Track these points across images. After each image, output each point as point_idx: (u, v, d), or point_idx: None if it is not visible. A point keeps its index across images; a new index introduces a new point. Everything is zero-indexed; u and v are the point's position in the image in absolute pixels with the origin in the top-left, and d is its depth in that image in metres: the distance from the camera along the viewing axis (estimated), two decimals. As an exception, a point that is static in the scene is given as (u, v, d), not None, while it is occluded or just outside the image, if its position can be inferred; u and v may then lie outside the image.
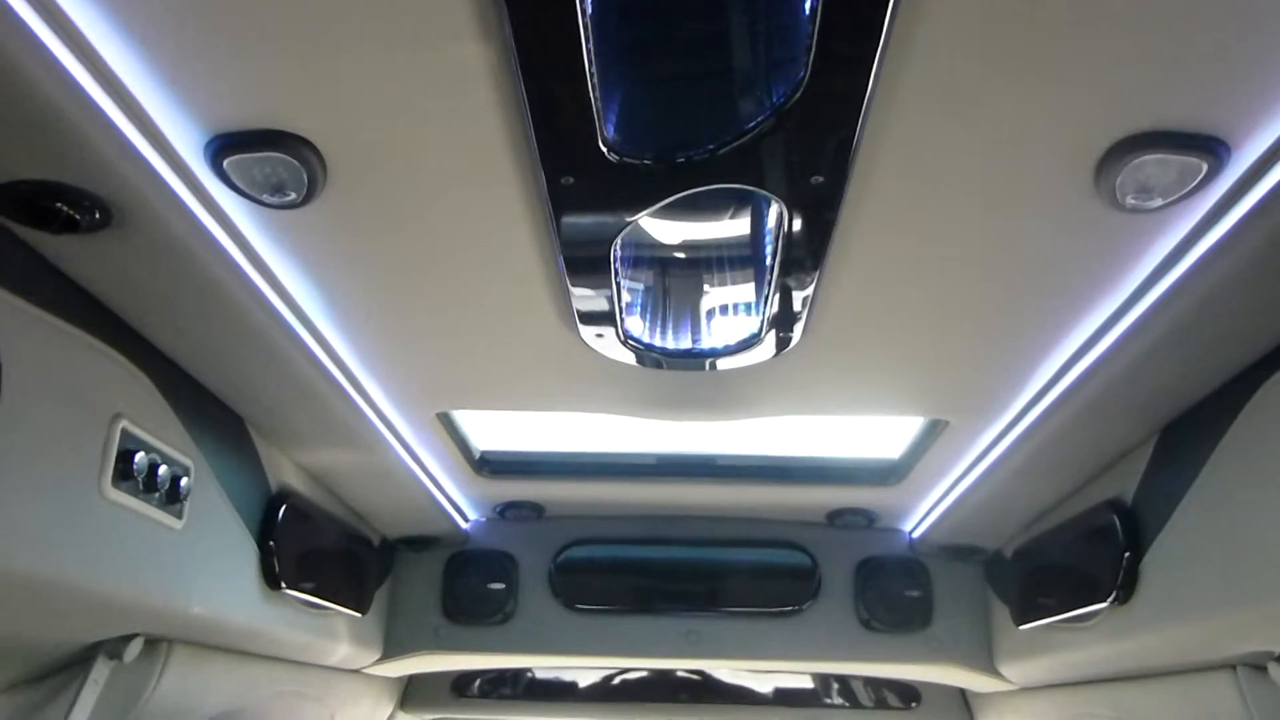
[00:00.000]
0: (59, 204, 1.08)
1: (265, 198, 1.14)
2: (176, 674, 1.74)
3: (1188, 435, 1.61)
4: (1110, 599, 1.77)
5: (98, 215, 1.10)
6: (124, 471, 1.36)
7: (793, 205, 1.19)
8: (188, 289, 1.29)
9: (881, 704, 3.23)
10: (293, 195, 1.13)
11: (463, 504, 2.51)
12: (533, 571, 2.66)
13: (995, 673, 2.53)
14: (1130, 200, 1.12)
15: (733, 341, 1.56)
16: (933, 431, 1.95)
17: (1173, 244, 1.21)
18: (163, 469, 1.44)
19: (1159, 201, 1.12)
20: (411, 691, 3.21)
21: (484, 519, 2.68)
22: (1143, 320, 1.33)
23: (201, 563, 1.61)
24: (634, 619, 2.63)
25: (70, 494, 1.27)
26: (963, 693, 3.12)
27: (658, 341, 1.57)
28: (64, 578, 1.26)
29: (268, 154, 1.07)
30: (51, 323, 1.24)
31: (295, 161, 1.08)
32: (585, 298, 1.41)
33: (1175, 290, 1.25)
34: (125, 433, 1.36)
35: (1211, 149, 1.04)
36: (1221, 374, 1.48)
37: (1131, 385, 1.52)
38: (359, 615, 2.35)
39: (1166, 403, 1.60)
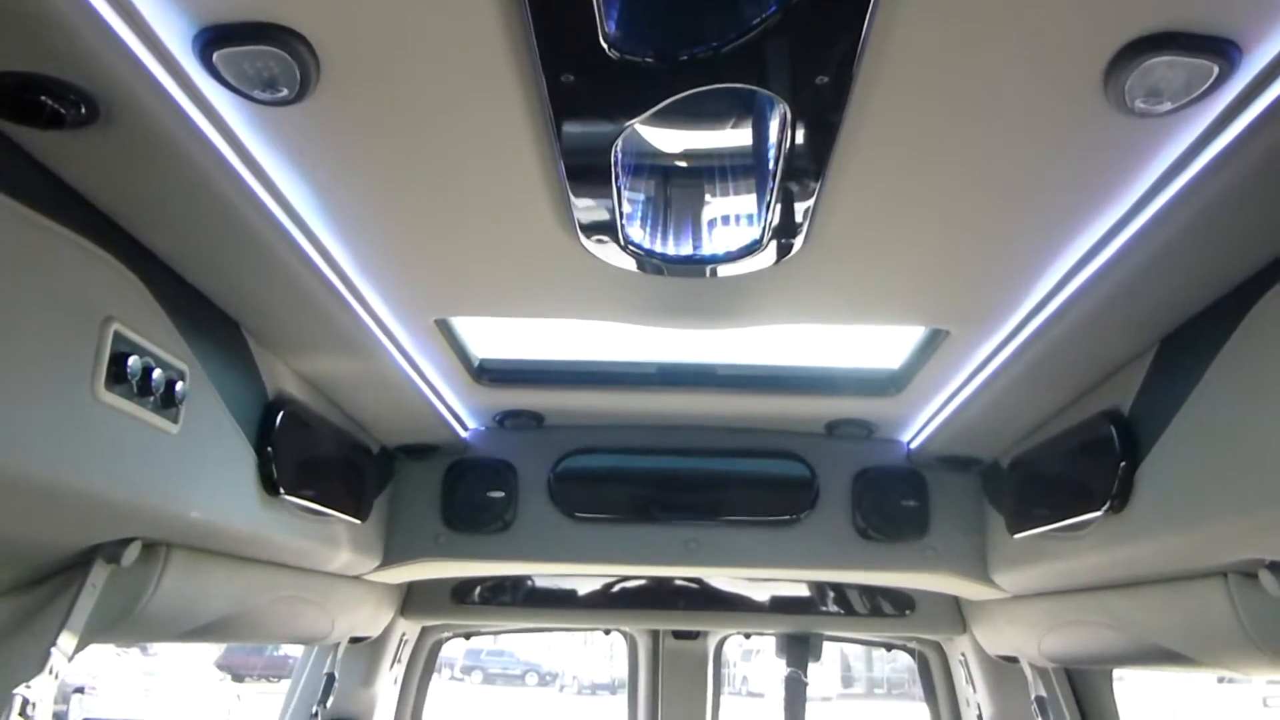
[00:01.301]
0: (43, 98, 1.05)
1: (257, 94, 1.11)
2: (175, 578, 1.76)
3: (1187, 346, 1.60)
4: (1104, 508, 1.78)
5: (84, 110, 1.07)
6: (117, 375, 1.35)
7: (797, 107, 1.16)
8: (178, 189, 1.26)
9: (876, 611, 3.29)
10: (285, 91, 1.10)
11: (462, 412, 2.52)
12: (532, 480, 2.67)
13: (989, 581, 2.56)
14: (1139, 104, 1.10)
15: (734, 248, 1.54)
16: (933, 342, 1.95)
17: (1180, 149, 1.19)
18: (157, 373, 1.43)
19: (1168, 105, 1.10)
20: (412, 598, 3.26)
21: (483, 428, 2.68)
22: (1147, 228, 1.32)
23: (198, 468, 1.62)
24: (633, 528, 2.65)
25: (63, 396, 1.26)
26: (956, 600, 3.17)
27: (658, 248, 1.55)
28: (58, 480, 1.26)
29: (259, 47, 1.04)
30: (40, 222, 1.22)
31: (287, 56, 1.05)
32: (586, 202, 1.39)
33: (1181, 197, 1.24)
34: (118, 335, 1.35)
35: (1222, 52, 1.02)
36: (1223, 284, 1.46)
37: (1133, 295, 1.51)
38: (358, 522, 2.37)
39: (1167, 313, 1.59)
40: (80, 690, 18.18)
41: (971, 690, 3.33)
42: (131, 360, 1.37)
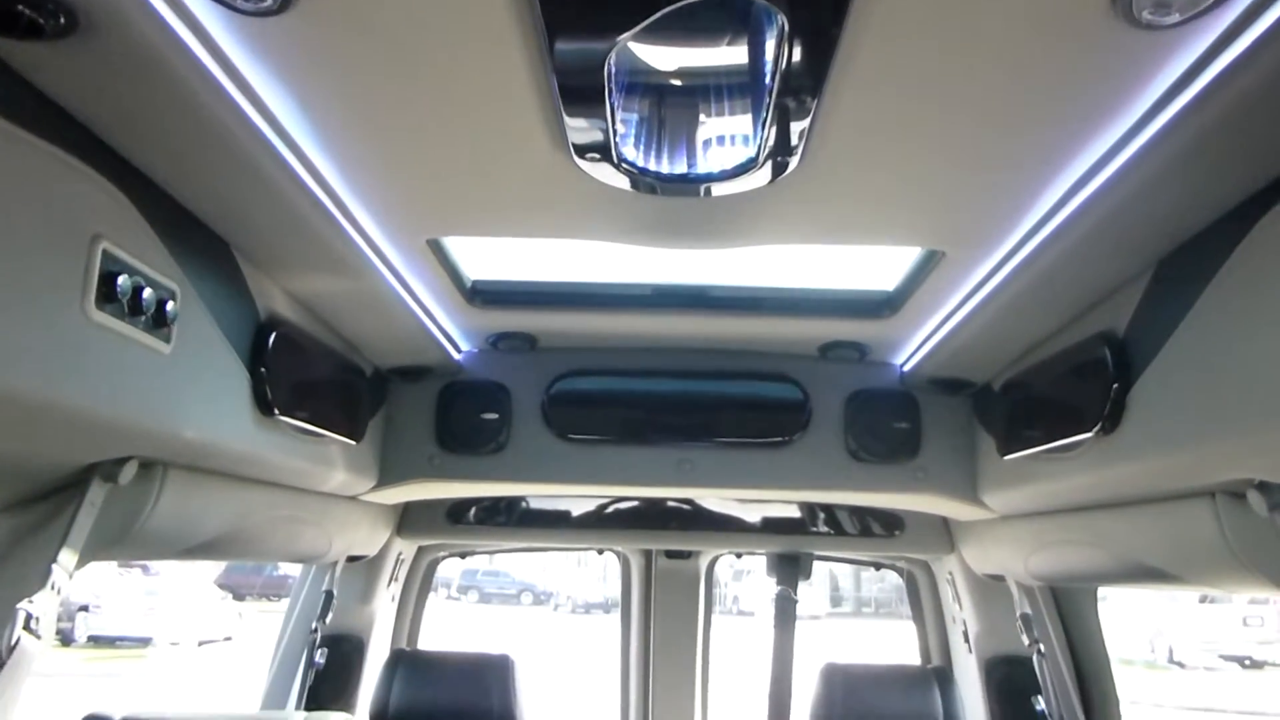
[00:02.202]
0: (20, 6, 1.02)
1: (239, 3, 1.08)
2: (173, 497, 1.77)
3: (1184, 267, 1.59)
4: (1095, 429, 1.79)
5: (62, 20, 1.05)
6: (107, 294, 1.34)
7: (794, 18, 1.13)
8: (162, 103, 1.24)
9: (866, 532, 3.33)
10: (268, 1, 1.08)
11: (455, 334, 2.51)
12: (525, 402, 2.68)
13: (978, 502, 2.59)
14: (1146, 15, 1.08)
15: (728, 166, 1.52)
16: (928, 263, 1.94)
17: (1186, 64, 1.17)
18: (147, 292, 1.42)
19: (1175, 17, 1.08)
20: (408, 518, 3.29)
21: (477, 350, 2.68)
22: (1148, 146, 1.30)
23: (192, 387, 1.62)
24: (626, 449, 2.67)
25: (53, 315, 1.25)
26: (945, 521, 3.21)
27: (652, 166, 1.53)
28: (51, 398, 1.26)
29: None
30: (24, 138, 1.20)
31: None
32: (579, 122, 1.37)
33: (1184, 114, 1.22)
34: (107, 254, 1.34)
35: None
36: (1223, 205, 1.45)
37: (1132, 215, 1.50)
38: (353, 443, 2.38)
39: (1166, 234, 1.58)
40: (85, 609, 18.50)
41: (958, 608, 3.39)
42: (121, 279, 1.36)
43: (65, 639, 17.93)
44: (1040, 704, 2.92)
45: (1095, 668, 3.06)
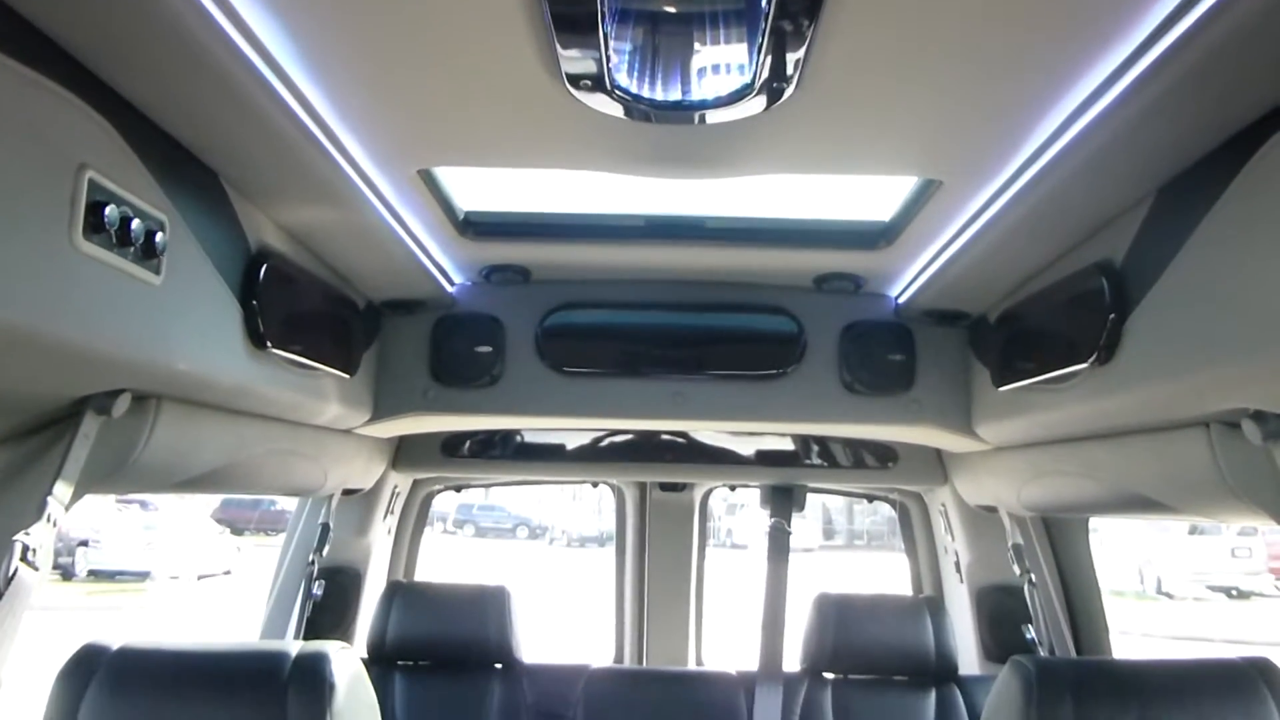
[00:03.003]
0: None
1: None
2: (167, 430, 1.77)
3: (1184, 195, 1.58)
4: (1091, 360, 1.79)
5: None
6: (95, 224, 1.32)
7: None
8: (149, 30, 1.21)
9: (859, 464, 3.35)
10: None
11: (447, 267, 2.49)
12: (519, 335, 2.67)
13: (972, 433, 2.60)
14: None
15: (723, 93, 1.50)
16: (925, 193, 1.92)
17: None
18: (136, 223, 1.40)
19: None
20: (403, 452, 3.30)
21: (470, 283, 2.67)
22: (1149, 71, 1.28)
23: (183, 320, 1.60)
24: (620, 382, 2.67)
25: (40, 245, 1.23)
26: (938, 453, 3.23)
27: (646, 93, 1.51)
28: (40, 329, 1.24)
29: None
30: (7, 64, 1.17)
31: None
32: (572, 52, 1.34)
33: (1186, 38, 1.19)
34: (93, 184, 1.32)
35: None
36: (1224, 130, 1.43)
37: (1132, 142, 1.48)
38: (347, 377, 2.37)
39: (1166, 161, 1.56)
40: (84, 544, 18.65)
41: (950, 539, 3.43)
42: (109, 209, 1.34)
43: (66, 574, 18.11)
44: (1030, 632, 2.96)
45: (1085, 597, 3.11)
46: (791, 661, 3.16)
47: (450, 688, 3.07)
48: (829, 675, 3.11)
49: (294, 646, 1.67)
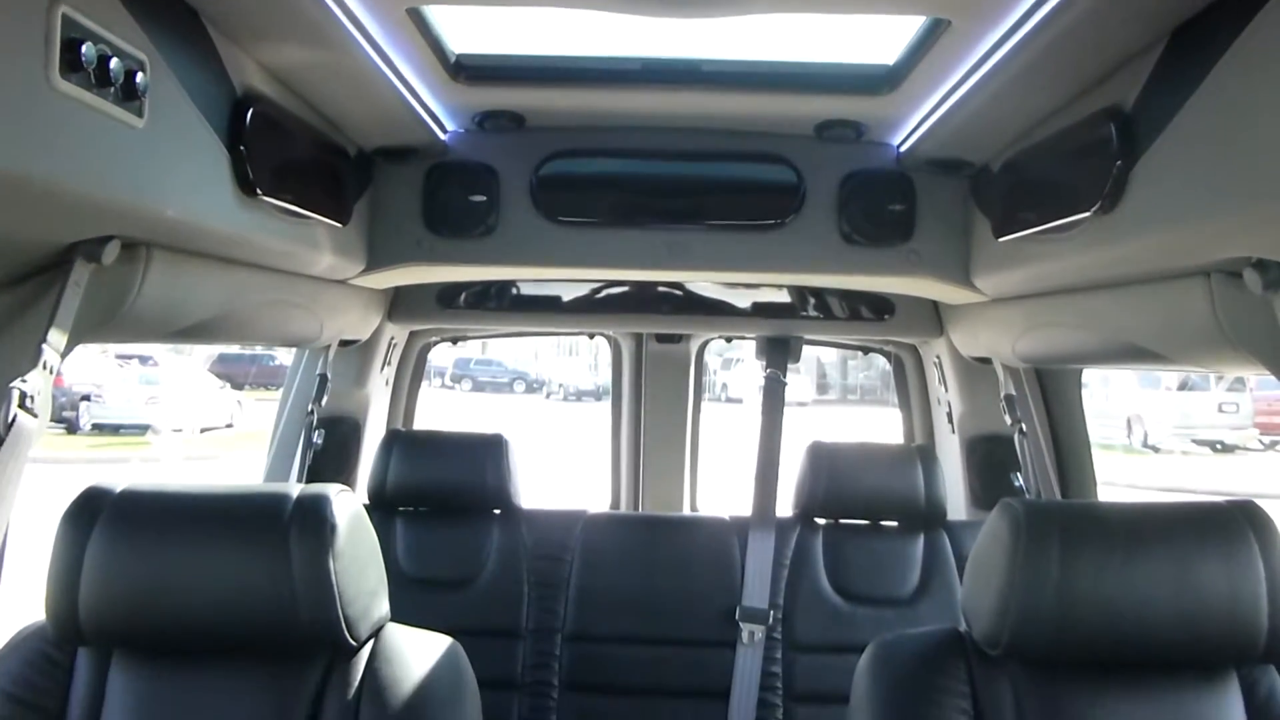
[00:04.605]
0: None
1: None
2: (159, 278, 1.75)
3: (1199, 37, 1.52)
4: (1095, 208, 1.76)
5: None
6: (71, 62, 1.26)
7: None
8: None
9: (856, 316, 3.35)
10: None
11: (439, 112, 2.43)
12: (514, 184, 2.63)
13: (970, 285, 2.59)
14: None
15: None
16: (932, 34, 1.85)
17: None
18: (114, 62, 1.34)
19: None
20: (399, 303, 3.29)
21: (463, 130, 2.60)
22: None
23: (170, 165, 1.57)
24: (617, 231, 2.64)
25: (15, 85, 1.19)
26: (935, 305, 3.23)
27: None
28: (19, 172, 1.21)
29: None
30: None
31: None
32: None
33: None
34: (67, 19, 1.26)
35: None
36: None
37: None
38: (340, 226, 2.34)
39: (1182, 0, 1.50)
40: (87, 399, 18.88)
41: (943, 390, 3.46)
42: (85, 47, 1.28)
43: (70, 427, 18.41)
44: (1018, 480, 3.02)
45: (1074, 448, 3.16)
46: (784, 509, 3.23)
47: (450, 532, 3.15)
48: (820, 520, 3.19)
49: (295, 489, 1.69)
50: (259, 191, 1.84)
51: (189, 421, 18.22)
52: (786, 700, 3.02)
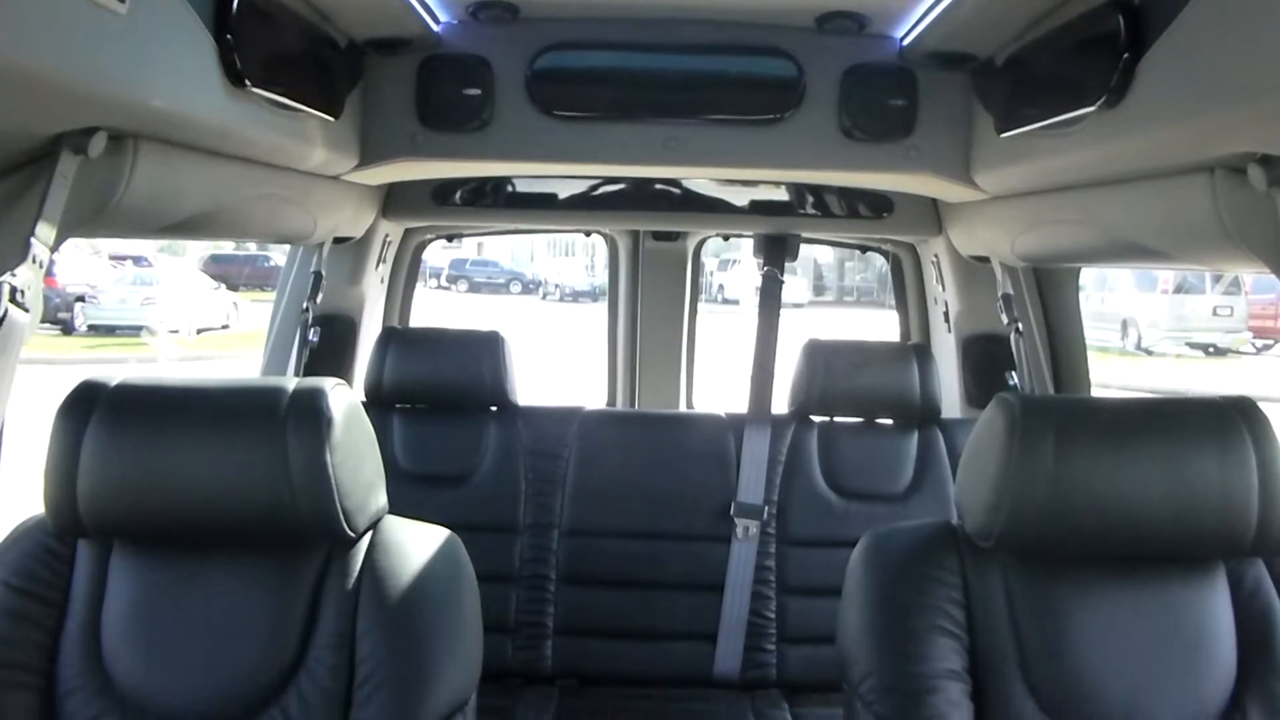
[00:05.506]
0: None
1: None
2: (147, 171, 1.72)
3: None
4: (1100, 102, 1.73)
5: None
6: None
7: None
8: None
9: (854, 214, 3.33)
10: None
11: (431, 2, 2.36)
12: (509, 77, 2.57)
13: (970, 182, 2.56)
14: None
15: None
16: None
17: None
18: None
19: None
20: (393, 200, 3.26)
21: (456, 21, 2.54)
22: None
23: (155, 54, 1.52)
24: (613, 125, 2.59)
25: None
26: (934, 203, 3.20)
27: None
28: None
29: None
30: None
31: None
32: None
33: None
34: None
35: None
36: None
37: None
38: (331, 119, 2.30)
39: None
40: (82, 299, 18.83)
41: (941, 289, 3.45)
42: None
43: (66, 328, 18.40)
44: (1013, 379, 3.03)
45: (1070, 348, 3.16)
46: (780, 407, 3.25)
47: (447, 429, 3.17)
48: (816, 418, 3.21)
49: (291, 382, 1.69)
50: (247, 83, 1.79)
51: (185, 322, 18.21)
52: (780, 593, 3.08)
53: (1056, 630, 1.70)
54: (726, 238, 4.01)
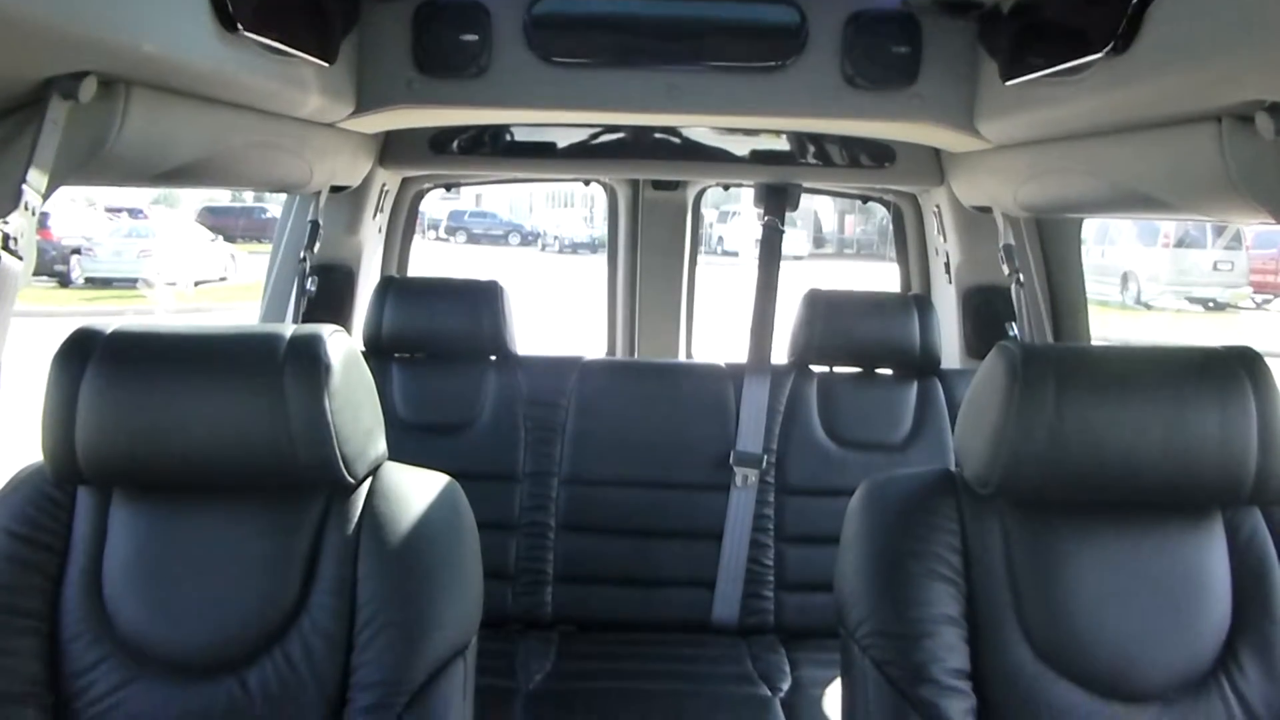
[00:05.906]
0: None
1: None
2: (139, 117, 1.70)
3: None
4: (1107, 49, 1.70)
5: None
6: None
7: None
8: None
9: (856, 163, 3.30)
10: None
11: None
12: (506, 23, 2.53)
13: (974, 131, 2.53)
14: None
15: None
16: None
17: None
18: None
19: None
20: (390, 148, 3.23)
21: None
22: None
23: None
24: (613, 72, 2.55)
25: None
26: (937, 153, 3.17)
27: None
28: None
29: None
30: None
31: None
32: None
33: None
34: None
35: None
36: None
37: None
38: (326, 65, 2.26)
39: None
40: (78, 252, 18.75)
41: (942, 240, 3.43)
42: None
43: (63, 281, 18.35)
44: (1013, 330, 3.03)
45: (1070, 300, 3.15)
46: (779, 358, 3.25)
47: (446, 378, 3.17)
48: (815, 368, 3.21)
49: (289, 329, 1.68)
50: (240, 27, 1.76)
51: (182, 274, 18.15)
52: (778, 541, 3.10)
53: (1053, 577, 1.71)
54: (727, 187, 3.98)
